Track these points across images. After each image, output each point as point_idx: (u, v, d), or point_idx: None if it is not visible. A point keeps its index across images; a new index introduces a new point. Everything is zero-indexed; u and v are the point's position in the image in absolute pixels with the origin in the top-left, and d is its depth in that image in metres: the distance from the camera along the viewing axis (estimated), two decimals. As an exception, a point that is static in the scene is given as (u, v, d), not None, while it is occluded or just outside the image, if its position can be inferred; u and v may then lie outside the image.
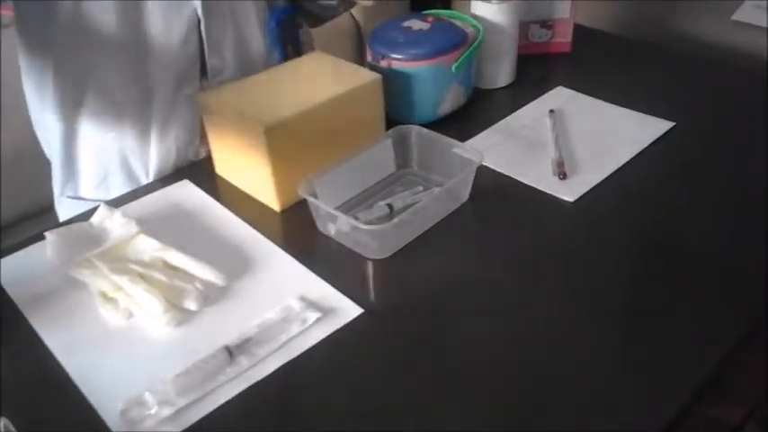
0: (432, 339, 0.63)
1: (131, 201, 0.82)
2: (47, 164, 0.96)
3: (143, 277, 0.68)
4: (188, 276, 0.68)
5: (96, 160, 0.91)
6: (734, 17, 1.45)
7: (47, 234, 0.74)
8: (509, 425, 0.55)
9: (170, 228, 0.76)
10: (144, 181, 0.91)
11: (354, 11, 1.83)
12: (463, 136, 0.89)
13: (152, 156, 0.89)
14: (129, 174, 0.91)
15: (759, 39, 1.39)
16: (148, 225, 0.75)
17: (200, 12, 0.82)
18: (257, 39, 0.92)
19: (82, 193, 0.95)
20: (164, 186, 0.85)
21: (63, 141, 0.90)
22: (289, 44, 0.96)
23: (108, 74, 0.82)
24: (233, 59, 0.89)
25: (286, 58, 0.95)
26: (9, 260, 0.74)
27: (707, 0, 1.52)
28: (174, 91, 0.86)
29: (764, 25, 1.41)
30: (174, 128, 0.87)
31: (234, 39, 0.88)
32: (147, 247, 0.72)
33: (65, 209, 0.96)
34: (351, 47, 1.79)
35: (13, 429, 0.55)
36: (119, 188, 0.91)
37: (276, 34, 0.93)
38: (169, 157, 0.89)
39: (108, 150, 0.89)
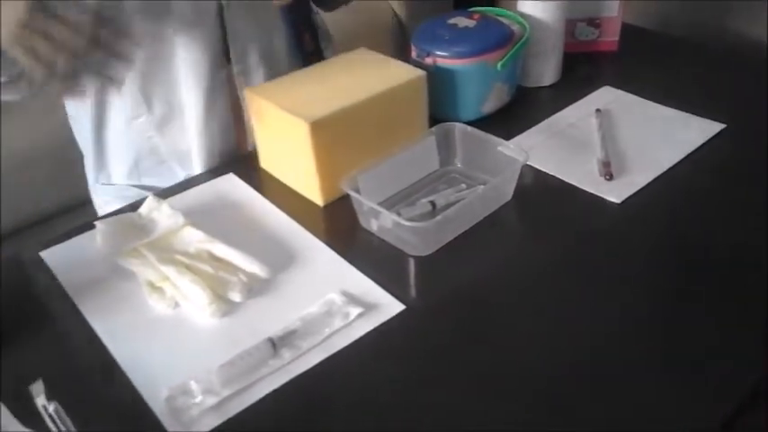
0: (472, 338, 0.63)
1: (178, 192, 0.84)
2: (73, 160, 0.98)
3: (189, 268, 0.69)
4: (233, 268, 0.69)
5: (126, 146, 0.93)
6: (788, 18, 1.41)
7: (97, 223, 0.76)
8: (551, 424, 0.55)
9: (215, 220, 0.78)
10: (176, 167, 0.93)
11: (396, 7, 1.83)
12: (507, 134, 0.88)
13: (193, 144, 0.90)
14: (160, 160, 0.92)
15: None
16: (195, 217, 0.76)
17: None
18: (278, 26, 0.92)
19: (115, 180, 0.97)
20: (210, 179, 0.86)
21: (94, 128, 0.92)
22: (303, 27, 0.97)
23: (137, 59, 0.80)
24: (254, 46, 0.89)
25: (301, 42, 0.96)
26: (59, 249, 0.76)
27: (762, 4, 1.48)
28: (206, 77, 0.86)
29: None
30: (210, 115, 0.88)
31: (254, 26, 0.89)
32: (194, 238, 0.73)
33: (99, 196, 0.99)
34: (393, 43, 1.80)
35: (63, 412, 0.57)
36: (150, 174, 0.93)
37: (285, 16, 0.93)
38: (212, 146, 0.90)
39: (137, 136, 0.91)
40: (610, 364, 0.59)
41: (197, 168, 0.91)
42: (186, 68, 0.86)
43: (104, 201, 0.98)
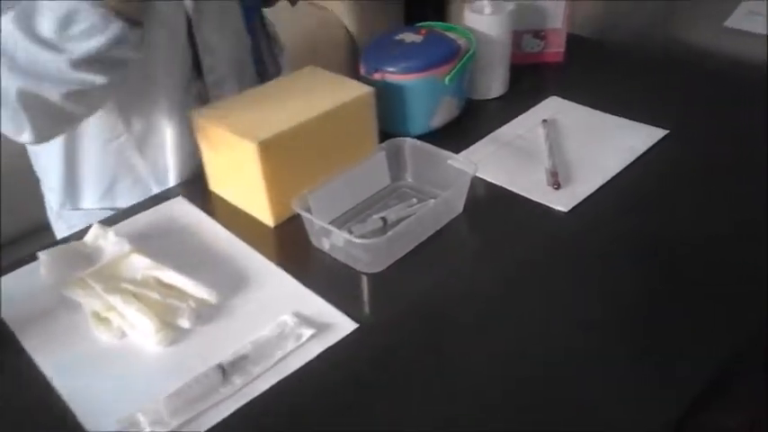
0: (428, 353, 0.63)
1: (125, 219, 0.82)
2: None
3: (136, 296, 0.67)
4: (181, 294, 0.68)
5: (101, 169, 0.91)
6: (726, 23, 1.45)
7: (40, 254, 0.74)
8: (506, 439, 0.55)
9: (163, 245, 0.76)
10: (153, 186, 0.92)
11: (348, 23, 1.84)
12: (457, 147, 0.89)
13: (170, 160, 0.90)
14: (137, 179, 0.91)
15: (752, 45, 1.40)
16: (142, 243, 0.74)
17: (190, 11, 0.84)
18: (244, 35, 0.93)
19: (85, 205, 0.95)
20: (158, 204, 0.85)
21: (65, 153, 0.90)
22: (259, 35, 0.98)
23: None
24: (224, 57, 0.90)
25: (259, 50, 0.97)
26: (2, 281, 0.74)
27: (700, 7, 1.52)
28: (180, 91, 0.87)
29: (756, 31, 1.42)
30: (186, 130, 0.87)
31: (223, 37, 0.89)
32: (140, 265, 0.72)
33: (65, 222, 0.96)
34: (345, 59, 1.80)
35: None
36: (124, 195, 0.92)
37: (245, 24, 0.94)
38: (190, 161, 0.89)
39: (114, 158, 0.90)
40: (566, 373, 0.60)
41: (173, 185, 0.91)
42: (161, 84, 0.86)
43: (71, 226, 0.95)
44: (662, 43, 1.49)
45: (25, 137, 0.73)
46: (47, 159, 0.95)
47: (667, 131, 0.88)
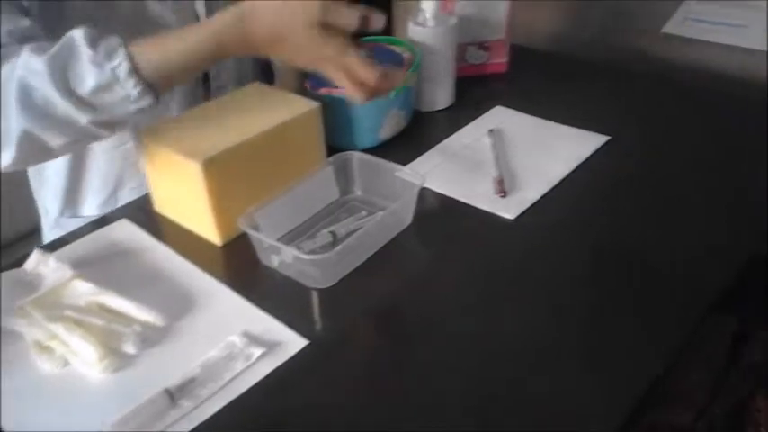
0: (380, 366, 0.63)
1: (67, 244, 0.80)
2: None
3: (79, 323, 0.66)
4: (126, 319, 0.66)
5: (106, 175, 0.92)
6: (664, 30, 1.50)
7: (-24, 284, 0.71)
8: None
9: (108, 269, 0.75)
10: None
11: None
12: (405, 159, 0.89)
13: None
14: (140, 184, 0.90)
15: (689, 50, 1.44)
16: (85, 268, 0.73)
17: (200, 11, 0.86)
18: None
19: (85, 212, 0.95)
20: (101, 227, 0.83)
21: (71, 160, 0.91)
22: None
23: None
24: (228, 63, 0.93)
25: None
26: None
27: (639, 14, 1.56)
28: (188, 96, 0.90)
29: (693, 37, 1.46)
30: None
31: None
32: (83, 291, 0.70)
33: (63, 229, 0.94)
34: (295, 74, 1.79)
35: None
36: (126, 202, 0.91)
37: None
38: None
39: (120, 163, 0.90)
40: (518, 374, 0.60)
41: None
42: (171, 95, 0.87)
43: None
44: (603, 51, 1.52)
45: (3, 160, 0.72)
46: (52, 164, 0.93)
47: (609, 137, 0.90)
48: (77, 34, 0.67)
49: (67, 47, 0.67)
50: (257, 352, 0.63)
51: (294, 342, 0.64)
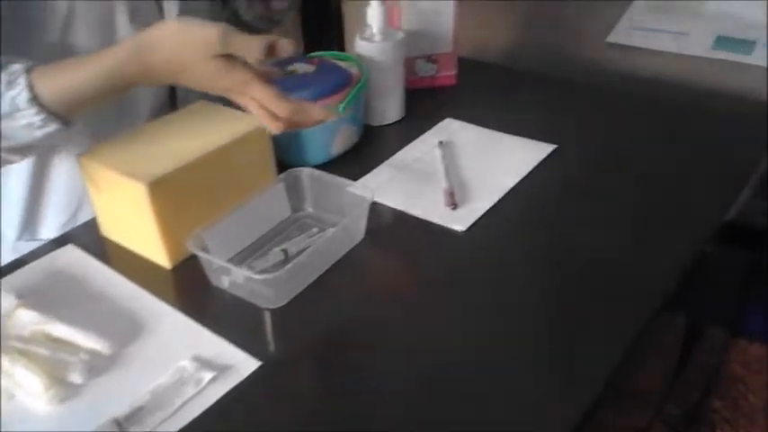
0: (334, 384, 0.62)
1: (10, 272, 0.78)
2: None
3: (24, 354, 0.64)
4: (72, 348, 0.65)
5: (69, 195, 0.90)
6: (608, 39, 1.53)
7: None
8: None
9: (53, 297, 0.73)
10: None
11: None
12: (357, 174, 0.89)
13: None
14: None
15: (633, 58, 1.48)
16: (30, 297, 0.71)
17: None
18: None
19: (44, 235, 0.92)
20: (47, 253, 0.81)
21: (31, 180, 0.88)
22: None
23: None
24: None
25: None
26: None
27: (583, 24, 1.60)
28: (156, 115, 0.89)
29: (637, 45, 1.50)
30: None
31: None
32: (28, 320, 0.68)
33: (20, 254, 0.91)
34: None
35: None
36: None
37: None
38: None
39: (78, 185, 0.87)
40: (475, 385, 0.61)
41: None
42: (136, 114, 0.86)
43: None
44: (548, 62, 1.55)
45: None
46: (7, 187, 0.90)
47: (555, 146, 0.92)
48: None
49: None
50: (208, 376, 0.62)
51: (246, 364, 0.63)
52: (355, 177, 0.88)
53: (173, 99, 0.92)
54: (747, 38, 1.47)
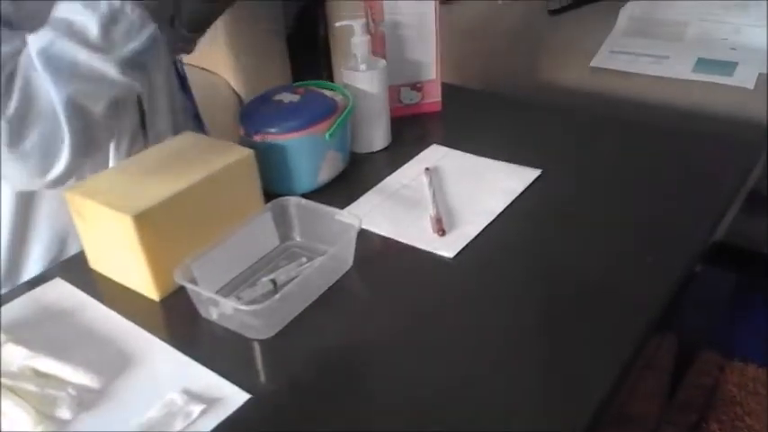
0: (326, 414, 0.62)
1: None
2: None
3: (12, 390, 0.63)
4: (60, 383, 0.64)
5: (52, 231, 0.90)
6: (592, 64, 1.56)
7: None
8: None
9: (41, 332, 0.72)
10: None
11: (236, 85, 1.84)
12: (344, 201, 0.90)
13: None
14: None
15: (617, 82, 1.50)
16: (18, 332, 0.70)
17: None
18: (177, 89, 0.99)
19: (25, 276, 0.91)
20: (35, 287, 0.80)
21: (16, 215, 0.89)
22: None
23: None
24: (163, 111, 0.95)
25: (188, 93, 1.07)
26: None
27: (567, 49, 1.62)
28: (128, 144, 0.91)
29: (620, 69, 1.53)
30: None
31: (164, 93, 0.93)
32: (16, 356, 0.67)
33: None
34: (233, 122, 1.79)
35: None
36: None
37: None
38: None
39: (68, 217, 0.86)
40: (468, 410, 0.61)
41: None
42: (113, 140, 0.88)
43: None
44: (533, 87, 1.57)
45: (58, 167, 0.73)
46: None
47: (540, 171, 0.93)
48: (58, 6, 0.70)
49: (57, 17, 0.70)
50: (197, 409, 0.61)
51: (236, 397, 0.63)
52: (343, 205, 0.88)
53: (143, 123, 0.94)
54: (728, 59, 1.50)
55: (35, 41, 0.70)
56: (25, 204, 0.89)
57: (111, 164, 0.91)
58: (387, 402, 0.63)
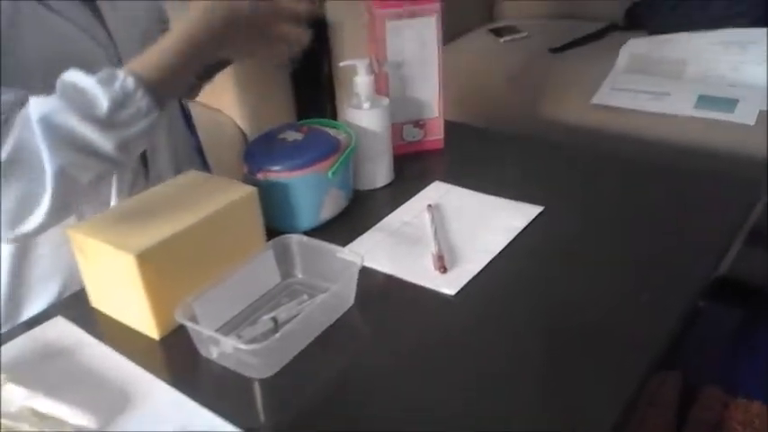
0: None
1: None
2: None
3: (11, 431, 0.63)
4: (59, 423, 0.64)
5: (50, 277, 0.90)
6: (593, 101, 1.57)
7: None
8: None
9: (41, 371, 0.72)
10: None
11: (241, 123, 1.86)
12: (347, 238, 0.90)
13: None
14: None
15: (617, 119, 1.51)
16: (17, 371, 0.70)
17: None
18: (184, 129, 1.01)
19: (31, 312, 0.90)
20: (34, 326, 0.80)
21: (13, 263, 0.89)
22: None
23: None
24: (166, 150, 0.97)
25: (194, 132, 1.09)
26: None
27: (568, 86, 1.64)
28: (129, 186, 0.93)
29: (621, 106, 1.54)
30: None
31: (167, 132, 0.95)
32: (16, 396, 0.67)
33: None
34: (238, 159, 1.81)
35: None
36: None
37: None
38: None
39: (67, 261, 0.88)
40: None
41: None
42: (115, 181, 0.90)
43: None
44: (534, 124, 1.58)
45: (28, 224, 0.74)
46: None
47: (542, 208, 0.93)
48: (68, 74, 0.72)
49: (68, 84, 0.72)
50: (196, 450, 0.60)
51: (235, 436, 0.62)
52: (345, 242, 0.88)
53: (144, 162, 0.95)
54: (730, 96, 1.51)
55: (38, 106, 0.71)
56: (25, 243, 0.90)
57: (113, 201, 0.92)
58: (388, 443, 0.62)
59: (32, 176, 0.71)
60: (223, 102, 1.84)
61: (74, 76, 0.72)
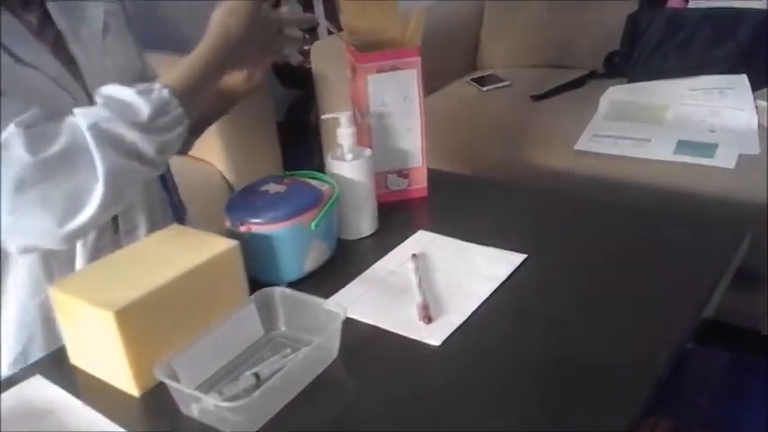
0: None
1: (-27, 407, 0.75)
2: None
3: (-19, 497, 0.61)
4: (32, 488, 0.62)
5: (17, 333, 0.90)
6: (576, 147, 1.59)
7: None
8: None
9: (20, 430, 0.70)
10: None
11: (227, 174, 1.87)
12: (331, 289, 0.89)
13: None
14: (53, 340, 0.87)
15: (600, 165, 1.53)
16: (-8, 433, 0.68)
17: None
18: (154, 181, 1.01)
19: None
20: (12, 385, 0.78)
21: None
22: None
23: None
24: (137, 205, 0.97)
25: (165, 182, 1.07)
26: None
27: (551, 134, 1.66)
28: (96, 240, 0.93)
29: (603, 152, 1.56)
30: None
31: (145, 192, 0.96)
32: (-12, 459, 0.65)
33: None
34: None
35: None
36: (39, 356, 0.88)
37: None
38: None
39: (33, 317, 0.89)
40: None
41: None
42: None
43: None
44: (518, 171, 1.60)
45: (81, 217, 0.76)
46: None
47: (526, 255, 0.93)
48: (107, 88, 0.80)
49: (109, 96, 0.79)
50: None
51: (215, 498, 0.61)
52: (329, 293, 0.88)
53: (115, 229, 0.96)
54: (709, 141, 1.53)
55: (86, 115, 0.77)
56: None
57: (77, 257, 0.92)
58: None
59: (84, 173, 0.75)
60: (209, 152, 1.86)
61: (113, 90, 0.79)
